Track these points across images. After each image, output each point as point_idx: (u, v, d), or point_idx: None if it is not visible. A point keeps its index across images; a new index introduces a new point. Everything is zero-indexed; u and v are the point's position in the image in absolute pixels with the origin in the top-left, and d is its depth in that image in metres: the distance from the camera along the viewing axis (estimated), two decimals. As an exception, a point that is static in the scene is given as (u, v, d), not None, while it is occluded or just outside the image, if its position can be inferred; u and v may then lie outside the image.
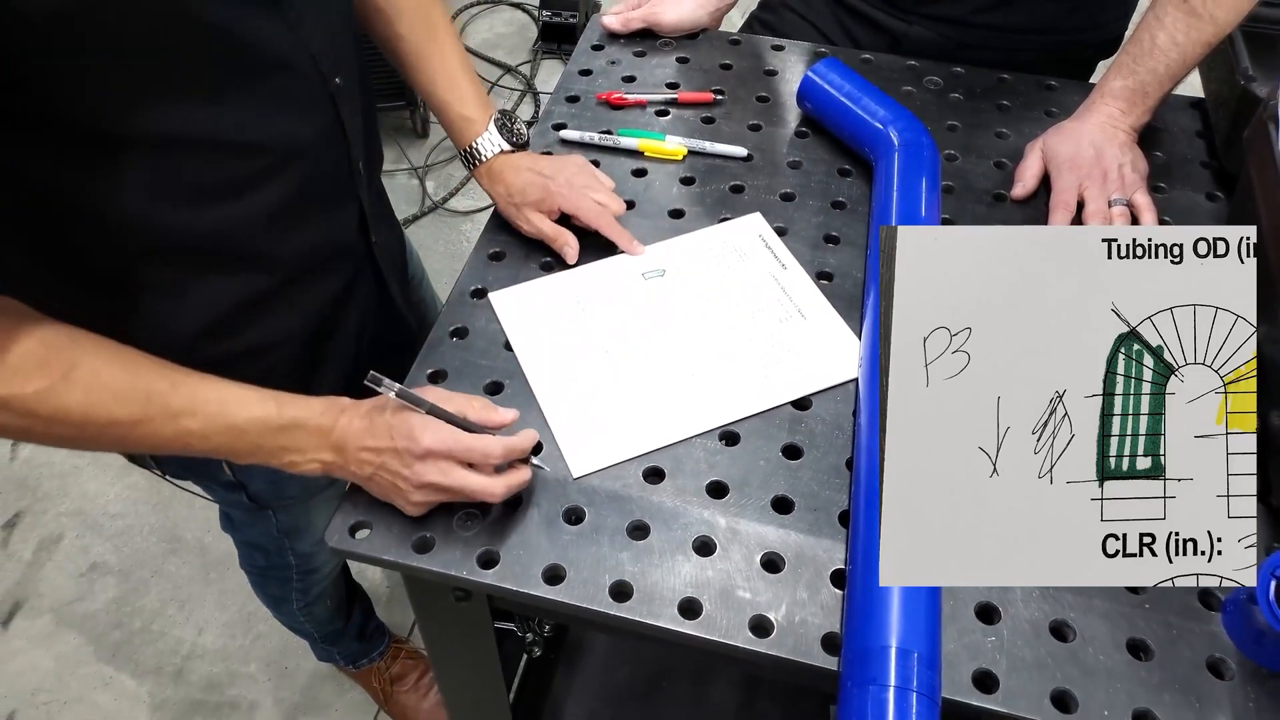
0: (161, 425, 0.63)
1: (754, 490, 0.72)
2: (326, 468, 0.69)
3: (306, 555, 1.08)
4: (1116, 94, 0.91)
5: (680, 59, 1.09)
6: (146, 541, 1.69)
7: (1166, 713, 0.61)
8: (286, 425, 0.67)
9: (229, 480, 0.89)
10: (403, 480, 0.67)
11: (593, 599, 0.66)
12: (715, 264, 0.87)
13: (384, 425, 0.67)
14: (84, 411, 0.60)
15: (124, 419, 0.62)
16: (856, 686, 0.58)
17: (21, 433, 0.61)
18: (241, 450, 0.66)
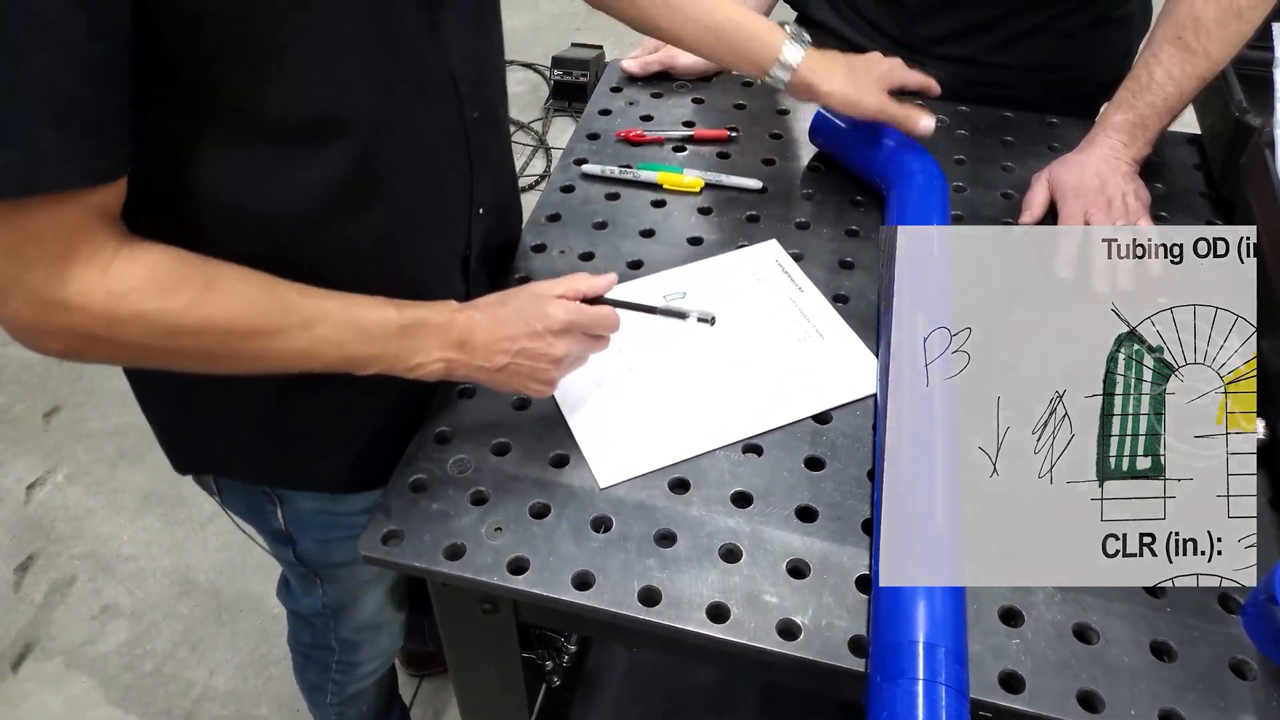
0: (297, 334, 0.63)
1: (778, 500, 0.74)
2: (450, 367, 0.70)
3: (349, 643, 1.06)
4: (1118, 127, 0.95)
5: (695, 100, 1.13)
6: (159, 584, 1.69)
7: (1192, 712, 0.62)
8: (409, 325, 0.67)
9: (279, 530, 0.89)
10: (544, 360, 0.70)
11: (622, 604, 0.67)
12: (734, 287, 0.90)
13: (513, 314, 0.70)
14: (227, 321, 0.61)
15: (264, 328, 0.62)
16: (886, 681, 0.59)
17: (170, 354, 0.61)
18: (370, 356, 0.67)
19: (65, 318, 0.56)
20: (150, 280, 0.58)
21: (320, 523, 0.88)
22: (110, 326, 0.57)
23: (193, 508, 1.78)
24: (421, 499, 0.74)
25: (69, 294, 0.55)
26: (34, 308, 0.56)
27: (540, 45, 2.89)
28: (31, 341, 0.58)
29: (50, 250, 0.54)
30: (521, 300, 0.71)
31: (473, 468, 0.76)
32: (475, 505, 0.73)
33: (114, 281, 0.57)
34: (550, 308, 0.70)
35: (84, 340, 0.58)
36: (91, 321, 0.57)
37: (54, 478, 1.84)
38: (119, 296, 0.57)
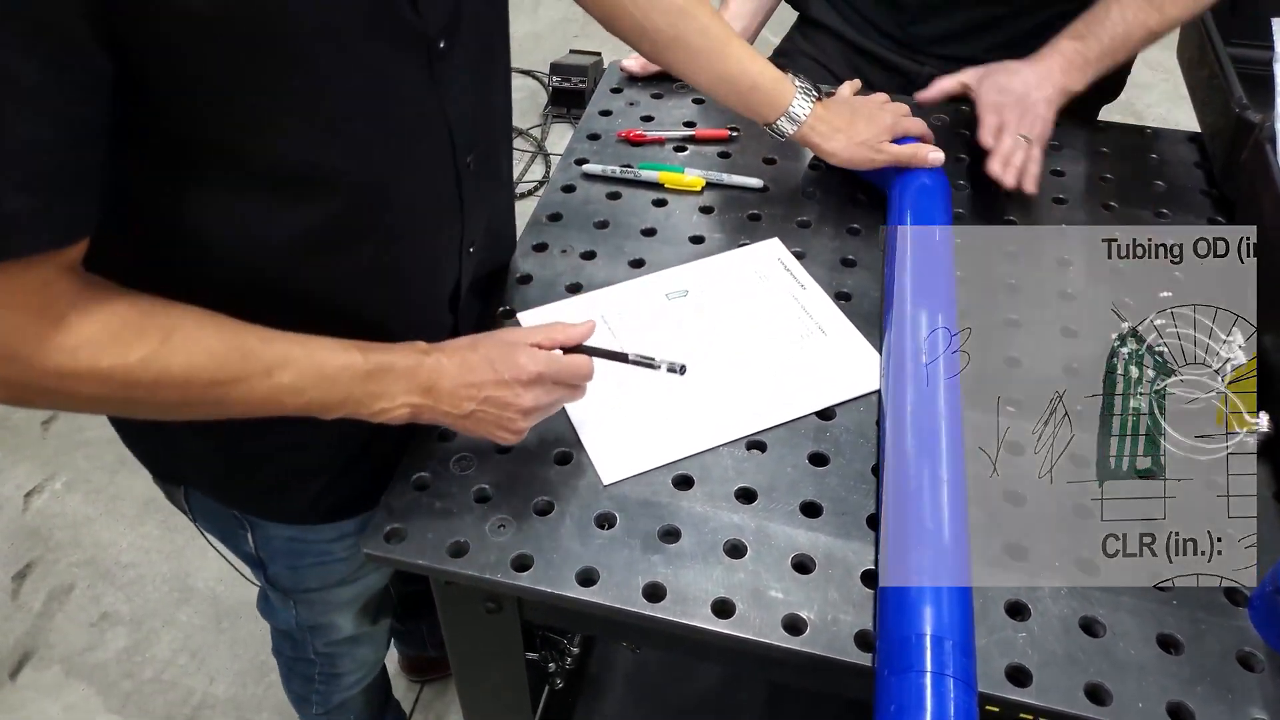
0: (258, 382, 0.62)
1: (782, 495, 0.73)
2: (415, 411, 0.68)
3: (328, 656, 1.06)
4: (1062, 51, 0.97)
5: (696, 100, 1.14)
6: (158, 591, 1.68)
7: (1200, 705, 0.62)
8: (374, 370, 0.66)
9: (250, 553, 0.88)
10: (511, 409, 0.69)
11: (626, 600, 0.67)
12: (736, 285, 0.90)
13: (481, 360, 0.68)
14: (186, 373, 0.59)
15: (224, 378, 0.61)
16: (894, 674, 0.59)
17: (124, 404, 0.60)
18: (333, 401, 0.65)
19: (11, 370, 0.55)
20: (105, 334, 0.56)
21: (290, 550, 0.87)
22: (61, 380, 0.56)
23: (192, 514, 1.77)
24: (424, 497, 0.73)
25: (18, 348, 0.54)
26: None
27: (539, 52, 2.90)
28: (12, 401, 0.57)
29: (2, 305, 0.53)
30: (491, 346, 0.70)
31: (475, 465, 0.75)
32: (478, 503, 0.73)
33: (66, 336, 0.55)
34: (520, 356, 0.69)
35: (32, 391, 0.57)
36: (40, 375, 0.55)
37: (52, 485, 1.83)
38: (69, 351, 0.55)
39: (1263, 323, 0.81)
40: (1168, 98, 2.63)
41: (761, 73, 0.89)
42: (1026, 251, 0.94)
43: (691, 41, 0.87)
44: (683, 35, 0.87)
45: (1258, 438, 0.75)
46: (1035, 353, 0.84)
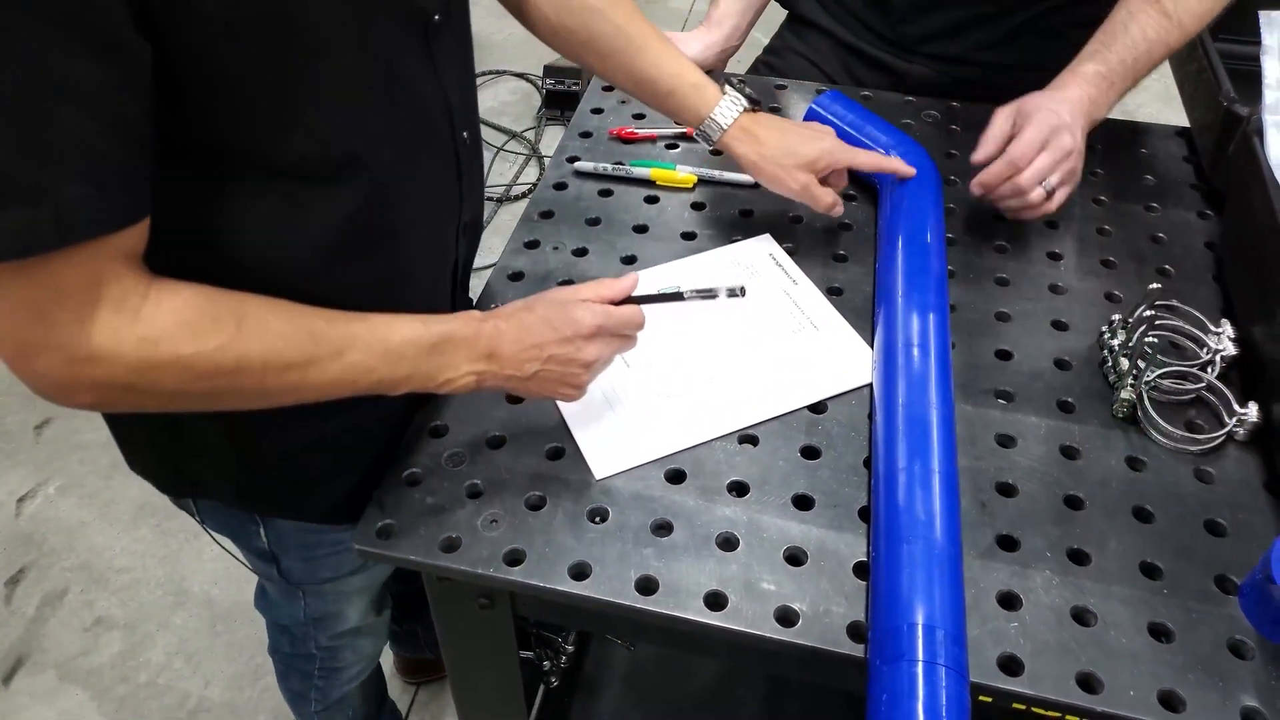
0: (330, 363, 0.62)
1: (774, 488, 0.74)
2: (480, 379, 0.69)
3: (330, 650, 1.06)
4: (1090, 79, 0.92)
5: (688, 98, 1.14)
6: (153, 595, 1.68)
7: (1191, 692, 0.62)
8: (437, 341, 0.66)
9: (263, 549, 0.88)
10: (575, 364, 0.70)
11: (619, 593, 0.67)
12: (729, 280, 0.90)
13: (539, 320, 0.69)
14: (263, 358, 0.59)
15: (298, 360, 0.61)
16: (885, 664, 0.59)
17: (206, 395, 0.60)
18: (400, 376, 0.66)
19: (97, 370, 0.54)
20: (182, 323, 0.56)
21: (305, 542, 0.87)
22: (144, 375, 0.56)
23: (187, 519, 1.74)
24: (416, 493, 0.73)
25: (100, 346, 0.54)
26: (64, 365, 0.54)
27: (532, 55, 2.90)
28: (62, 398, 0.56)
29: (77, 303, 0.53)
30: (547, 306, 0.71)
31: (467, 461, 0.75)
32: (470, 498, 0.73)
33: (145, 328, 0.55)
34: (577, 312, 0.70)
35: (117, 391, 0.56)
36: (125, 372, 0.55)
37: (45, 490, 1.83)
38: (152, 343, 0.55)
39: (1252, 314, 0.82)
40: (1159, 98, 2.63)
41: (680, 75, 0.86)
42: (1017, 245, 0.95)
43: (605, 42, 0.86)
44: (596, 35, 0.85)
45: (1247, 428, 0.76)
46: (1026, 345, 0.85)
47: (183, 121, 0.56)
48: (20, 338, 0.53)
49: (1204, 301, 0.87)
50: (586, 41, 0.86)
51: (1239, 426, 0.75)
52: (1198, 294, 0.88)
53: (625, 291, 0.73)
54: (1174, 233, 0.96)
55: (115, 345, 0.54)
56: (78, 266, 0.52)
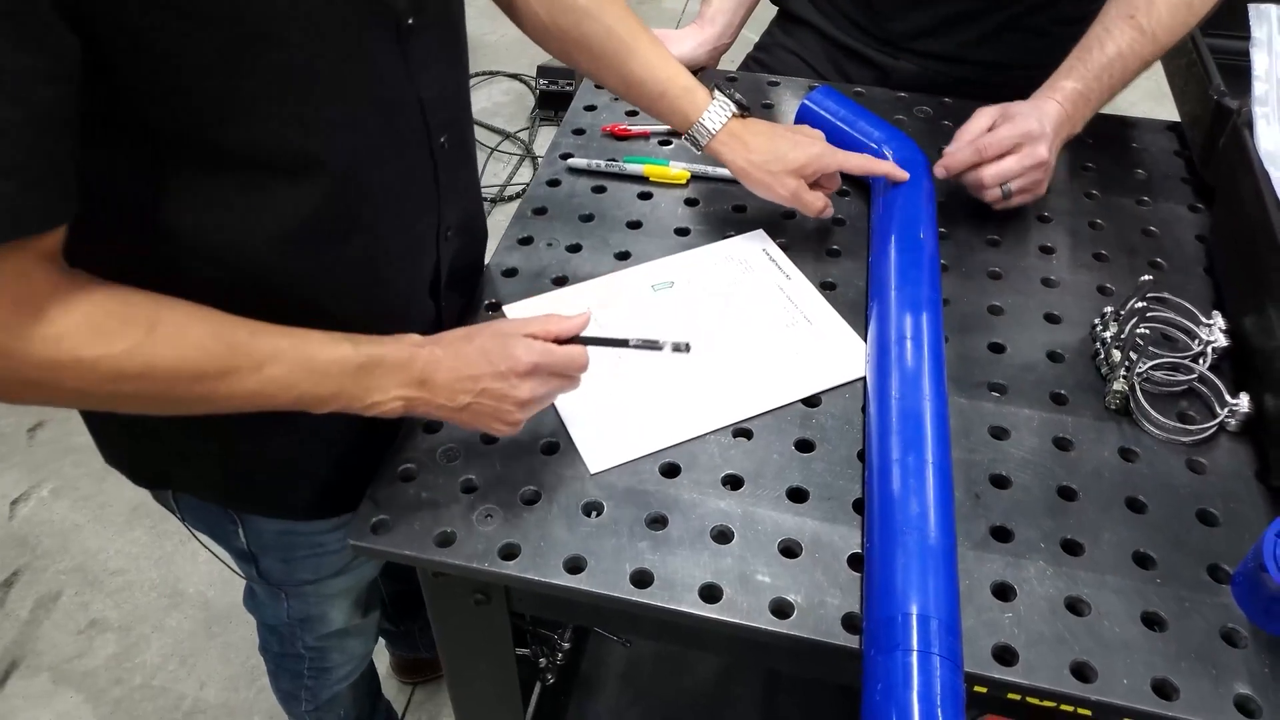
0: (247, 375, 0.61)
1: (769, 482, 0.74)
2: (409, 405, 0.67)
3: (317, 650, 1.05)
4: (1067, 95, 0.92)
5: (680, 95, 1.14)
6: (147, 597, 1.67)
7: (1185, 681, 0.62)
8: (365, 363, 0.65)
9: (242, 549, 0.88)
10: (508, 401, 0.68)
11: (614, 586, 0.67)
12: (722, 275, 0.90)
13: (477, 352, 0.68)
14: (172, 366, 0.58)
15: (211, 371, 0.59)
16: (880, 654, 0.59)
17: (109, 398, 0.59)
18: (325, 395, 0.64)
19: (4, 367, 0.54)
20: (88, 325, 0.55)
21: (282, 543, 0.87)
22: (44, 372, 0.55)
23: (181, 520, 1.76)
24: (410, 488, 0.73)
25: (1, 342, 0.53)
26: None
27: (525, 56, 2.90)
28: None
29: None
30: (487, 338, 0.69)
31: (462, 456, 0.75)
32: (465, 493, 0.73)
33: (49, 327, 0.54)
34: (516, 348, 0.68)
35: (14, 385, 0.56)
36: (27, 369, 0.54)
37: (39, 492, 1.82)
38: (54, 341, 0.54)
39: (1242, 305, 0.82)
40: (1150, 96, 2.64)
41: (671, 79, 0.86)
42: (1009, 240, 0.95)
43: (597, 43, 0.85)
44: (587, 36, 0.84)
45: (1238, 418, 0.76)
46: (1019, 338, 0.85)
47: (128, 107, 0.56)
48: None
49: (1195, 294, 0.87)
50: (577, 41, 0.85)
51: (1230, 417, 0.76)
52: (1189, 286, 0.89)
53: (573, 330, 0.71)
54: (1165, 226, 0.96)
55: (14, 340, 0.53)
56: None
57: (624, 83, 0.87)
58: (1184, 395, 0.79)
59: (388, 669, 1.54)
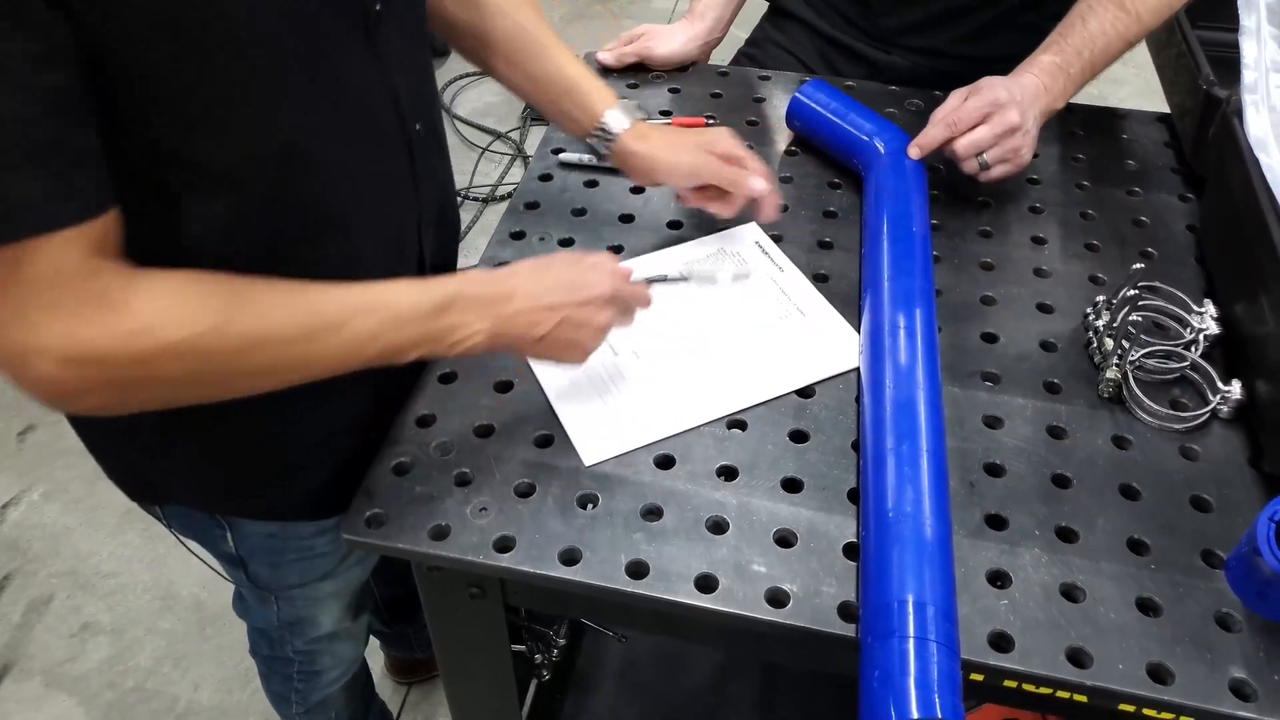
0: (332, 335, 0.61)
1: (763, 472, 0.74)
2: (491, 339, 0.67)
3: (307, 653, 1.05)
4: (1044, 67, 0.92)
5: (672, 89, 1.14)
6: (140, 600, 1.66)
7: (1180, 665, 0.62)
8: (442, 302, 0.65)
9: (230, 554, 0.87)
10: (588, 329, 0.71)
11: (609, 578, 0.67)
12: (715, 268, 0.90)
13: (555, 282, 0.70)
14: (261, 335, 0.58)
15: (298, 334, 0.60)
16: (877, 640, 0.59)
17: (214, 378, 0.58)
18: (408, 342, 0.64)
19: (93, 371, 0.53)
20: (171, 310, 0.55)
21: (270, 547, 0.87)
22: (144, 368, 0.54)
23: (173, 522, 1.75)
24: (404, 482, 0.73)
25: (89, 344, 0.52)
26: (58, 368, 0.52)
27: (516, 57, 2.90)
28: (69, 403, 0.55)
29: (57, 302, 0.51)
30: (563, 268, 0.71)
31: (456, 450, 0.75)
32: (459, 487, 0.73)
33: (133, 320, 0.53)
34: (595, 275, 0.70)
35: (122, 390, 0.55)
36: (124, 367, 0.54)
37: (30, 496, 1.81)
38: (143, 334, 0.54)
39: (1233, 292, 0.82)
40: (1140, 92, 2.66)
41: (583, 76, 0.87)
42: (1001, 231, 0.95)
43: (505, 40, 0.84)
44: (496, 31, 0.84)
45: (1231, 405, 0.76)
46: (1012, 328, 0.85)
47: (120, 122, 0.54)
48: (7, 345, 0.52)
49: (1186, 282, 0.88)
50: (487, 36, 0.84)
51: (1223, 404, 0.76)
52: (1180, 275, 0.89)
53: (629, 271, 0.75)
54: (1156, 216, 0.97)
55: (105, 342, 0.53)
56: (49, 264, 0.50)
57: (533, 80, 0.87)
58: (1176, 383, 0.80)
59: (383, 669, 1.53)
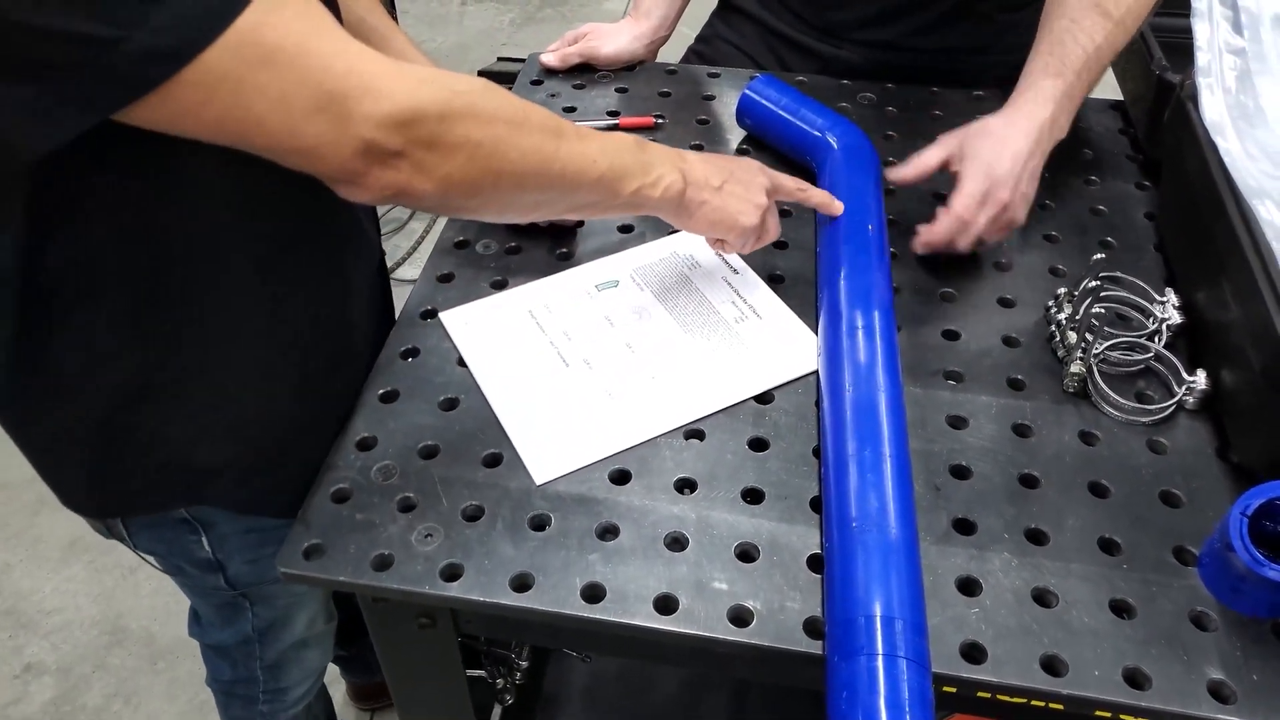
0: (572, 141, 0.63)
1: (723, 483, 0.71)
2: (684, 182, 0.72)
3: (274, 669, 1.01)
4: (1049, 96, 0.85)
5: (619, 89, 1.11)
6: (87, 635, 1.60)
7: (1156, 667, 0.60)
8: (639, 141, 0.70)
9: (206, 559, 0.83)
10: (754, 186, 0.76)
11: (564, 603, 0.64)
12: (668, 272, 0.87)
13: (719, 158, 0.77)
14: (525, 111, 0.61)
15: (549, 127, 0.62)
16: (844, 659, 0.56)
17: (491, 151, 0.58)
18: (623, 170, 0.68)
19: (412, 131, 0.54)
20: (438, 72, 0.57)
21: (250, 542, 0.83)
22: (444, 122, 0.55)
23: (121, 553, 1.66)
24: (344, 509, 0.69)
25: (397, 100, 0.52)
26: (382, 131, 0.53)
27: (466, 64, 2.85)
28: (407, 184, 0.55)
29: (340, 65, 0.51)
30: (719, 155, 0.78)
31: (398, 473, 0.71)
32: (403, 512, 0.69)
33: (418, 72, 0.55)
34: (749, 162, 0.78)
35: (437, 151, 0.55)
36: (433, 122, 0.54)
37: (-34, 532, 1.74)
38: (432, 84, 0.55)
39: (1194, 280, 0.81)
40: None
41: (432, 66, 0.88)
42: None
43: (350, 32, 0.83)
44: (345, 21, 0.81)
45: (1196, 396, 0.75)
46: (973, 324, 0.83)
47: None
48: (323, 120, 0.51)
49: (1147, 271, 0.86)
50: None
51: (1189, 395, 0.74)
52: (1141, 264, 0.88)
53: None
54: (1114, 204, 0.95)
55: (405, 88, 0.53)
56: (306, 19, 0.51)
57: None
58: (1141, 375, 0.78)
59: (344, 697, 1.48)
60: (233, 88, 0.49)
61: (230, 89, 0.49)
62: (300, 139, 0.52)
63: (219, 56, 0.48)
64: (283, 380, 0.73)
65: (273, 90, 0.50)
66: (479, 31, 3.11)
